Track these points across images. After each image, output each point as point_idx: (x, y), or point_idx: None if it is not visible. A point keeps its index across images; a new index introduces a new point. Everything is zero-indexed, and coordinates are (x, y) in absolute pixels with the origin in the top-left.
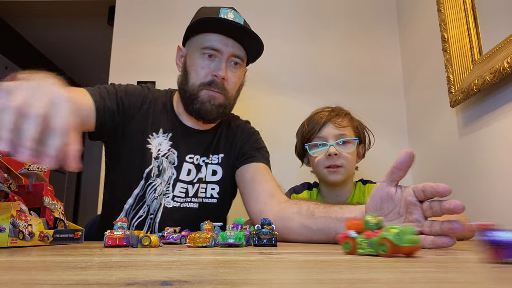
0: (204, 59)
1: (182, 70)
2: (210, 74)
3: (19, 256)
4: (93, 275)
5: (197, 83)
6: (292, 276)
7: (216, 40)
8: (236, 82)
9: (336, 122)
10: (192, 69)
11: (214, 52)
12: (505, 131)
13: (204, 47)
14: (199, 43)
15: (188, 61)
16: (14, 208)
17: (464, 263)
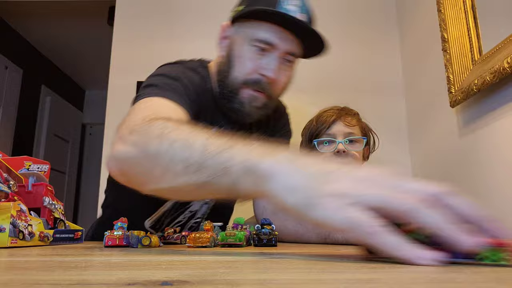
0: (254, 52)
1: (226, 57)
2: (257, 72)
3: (19, 256)
4: (93, 275)
5: (240, 78)
6: (292, 276)
7: (272, 33)
8: (286, 81)
9: (346, 121)
10: (237, 60)
11: (267, 47)
12: (505, 131)
13: (257, 39)
14: (251, 33)
15: (234, 49)
16: (14, 208)
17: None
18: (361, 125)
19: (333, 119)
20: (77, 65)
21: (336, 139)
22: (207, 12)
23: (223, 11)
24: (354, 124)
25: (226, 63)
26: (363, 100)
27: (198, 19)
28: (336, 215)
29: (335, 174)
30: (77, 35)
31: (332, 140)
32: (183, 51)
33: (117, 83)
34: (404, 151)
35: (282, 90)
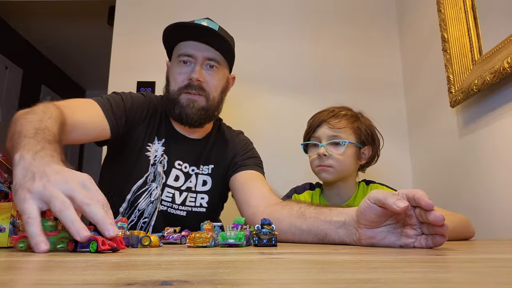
0: (180, 66)
1: (166, 80)
2: (187, 78)
3: (19, 256)
4: (93, 275)
5: (176, 88)
6: (292, 276)
7: (189, 46)
8: (217, 84)
9: (331, 123)
10: (171, 77)
11: (188, 58)
12: (505, 131)
13: (179, 55)
14: (176, 52)
15: (169, 71)
16: (14, 208)
17: (464, 263)
18: (353, 126)
19: (319, 122)
20: (77, 65)
21: (320, 142)
22: (207, 12)
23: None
24: (341, 127)
25: (166, 84)
26: (363, 100)
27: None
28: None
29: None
30: (77, 35)
31: (317, 143)
32: None
33: (117, 83)
34: (404, 151)
35: (217, 93)
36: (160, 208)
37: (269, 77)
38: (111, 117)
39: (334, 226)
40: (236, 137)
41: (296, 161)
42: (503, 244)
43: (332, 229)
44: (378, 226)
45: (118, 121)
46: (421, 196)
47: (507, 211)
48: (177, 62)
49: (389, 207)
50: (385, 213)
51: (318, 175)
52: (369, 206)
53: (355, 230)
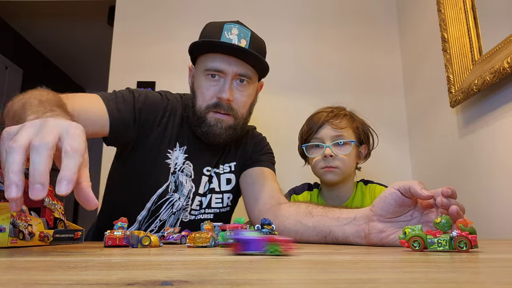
0: (208, 80)
1: (191, 91)
2: (215, 96)
3: (19, 256)
4: (93, 275)
5: (203, 105)
6: (292, 276)
7: (219, 60)
8: (246, 100)
9: (334, 124)
10: (198, 91)
11: (217, 73)
12: (505, 131)
13: (207, 69)
14: (203, 65)
15: (195, 82)
16: None
17: (464, 263)
18: (352, 126)
19: (320, 123)
20: (77, 65)
21: (324, 143)
22: (207, 12)
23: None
24: (343, 127)
25: (192, 96)
26: (363, 100)
27: (198, 19)
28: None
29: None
30: (77, 35)
31: (320, 144)
32: (183, 51)
33: (117, 83)
34: (404, 151)
35: (245, 109)
36: (190, 218)
37: (268, 77)
38: (112, 112)
39: (341, 222)
40: (252, 132)
41: (295, 161)
42: (503, 244)
43: (338, 226)
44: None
45: (121, 117)
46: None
47: (507, 211)
48: (205, 75)
49: (415, 194)
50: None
51: (323, 177)
52: (392, 193)
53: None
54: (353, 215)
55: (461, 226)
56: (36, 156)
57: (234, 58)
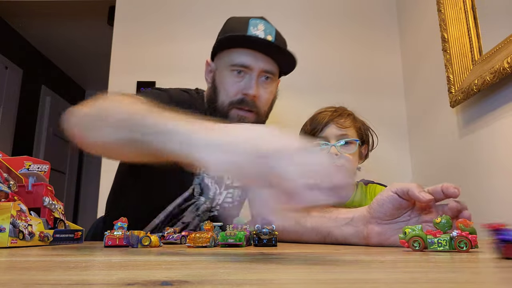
0: (233, 76)
1: (211, 86)
2: (240, 93)
3: (19, 256)
4: (93, 275)
5: (227, 101)
6: (292, 276)
7: (245, 56)
8: (268, 97)
9: (339, 123)
10: (221, 86)
11: (243, 69)
12: (505, 131)
13: (233, 64)
14: (228, 60)
15: (217, 77)
16: (14, 208)
17: (464, 263)
18: (355, 126)
19: (325, 122)
20: (77, 65)
21: (329, 142)
22: (207, 12)
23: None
24: (347, 126)
25: (212, 92)
26: (363, 100)
27: (198, 19)
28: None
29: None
30: (77, 35)
31: (325, 143)
32: (183, 51)
33: (117, 83)
34: (404, 151)
35: (267, 106)
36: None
37: None
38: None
39: (339, 223)
40: None
41: None
42: None
43: (337, 227)
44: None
45: None
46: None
47: (507, 211)
48: (229, 71)
49: (413, 197)
50: (403, 206)
51: None
52: (389, 196)
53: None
54: (351, 216)
55: (461, 226)
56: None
57: (261, 54)
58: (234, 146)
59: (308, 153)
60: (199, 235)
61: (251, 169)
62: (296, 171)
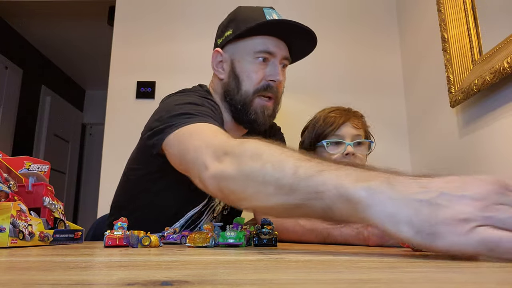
0: (257, 63)
1: (230, 77)
2: (265, 79)
3: (19, 256)
4: (93, 275)
5: (251, 90)
6: (292, 276)
7: (270, 42)
8: (284, 85)
9: (354, 123)
10: (244, 75)
11: (268, 56)
12: (505, 131)
13: (257, 51)
14: (251, 47)
15: (238, 66)
16: (14, 208)
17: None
18: (365, 128)
19: (342, 121)
20: (77, 65)
21: (345, 141)
22: (207, 12)
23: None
24: (360, 127)
25: (232, 82)
26: (363, 100)
27: (198, 19)
28: (468, 240)
29: (443, 198)
30: (77, 35)
31: (341, 141)
32: (183, 51)
33: (117, 83)
34: (404, 151)
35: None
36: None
37: None
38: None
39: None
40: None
41: None
42: None
43: (336, 228)
44: None
45: None
46: None
47: None
48: (253, 58)
49: None
50: None
51: None
52: None
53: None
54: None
55: None
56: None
57: (282, 41)
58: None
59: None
60: (199, 235)
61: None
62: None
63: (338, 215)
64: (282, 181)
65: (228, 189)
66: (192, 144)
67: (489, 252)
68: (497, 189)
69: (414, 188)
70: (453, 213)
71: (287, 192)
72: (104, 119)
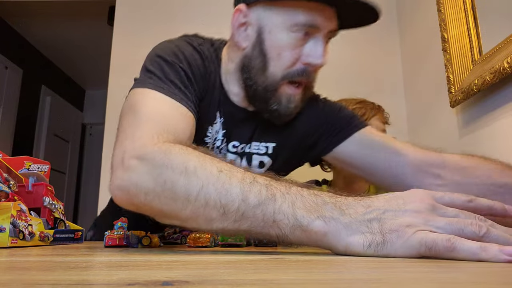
0: (296, 39)
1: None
2: (301, 62)
3: (19, 256)
4: (93, 275)
5: (280, 73)
6: (293, 276)
7: (316, 12)
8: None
9: (382, 117)
10: (274, 51)
11: (311, 30)
12: (505, 131)
13: (296, 24)
14: (289, 17)
15: (267, 39)
16: (14, 208)
17: (465, 263)
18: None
19: (373, 114)
20: (77, 65)
21: None
22: (207, 12)
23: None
24: (385, 122)
25: (256, 57)
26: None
27: (198, 19)
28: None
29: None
30: (77, 35)
31: None
32: None
33: (117, 83)
34: None
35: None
36: None
37: None
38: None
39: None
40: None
41: None
42: None
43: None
44: None
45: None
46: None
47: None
48: (289, 32)
49: None
50: None
51: None
52: None
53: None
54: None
55: None
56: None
57: (332, 10)
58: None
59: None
60: (199, 235)
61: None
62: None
63: (295, 241)
64: (230, 208)
65: (147, 205)
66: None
67: (429, 250)
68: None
69: (361, 209)
70: (399, 222)
71: (236, 219)
72: (104, 119)
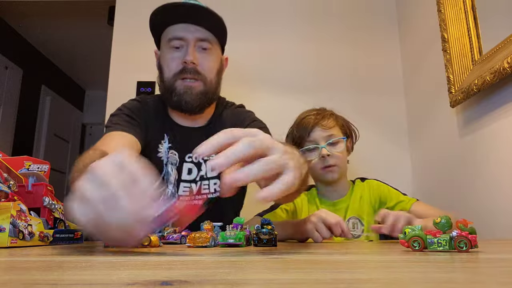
0: (172, 51)
1: (158, 69)
2: (181, 63)
3: (19, 256)
4: (93, 275)
5: (170, 75)
6: (292, 276)
7: (178, 28)
8: (212, 65)
9: (323, 125)
10: (164, 64)
11: (179, 42)
12: (505, 131)
13: (168, 39)
14: (165, 39)
15: (160, 59)
16: (14, 208)
17: (464, 263)
18: (338, 124)
19: (311, 127)
20: (77, 65)
21: (318, 145)
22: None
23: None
24: (331, 126)
25: (159, 74)
26: (363, 100)
27: None
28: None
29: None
30: (77, 35)
31: (315, 146)
32: None
33: (117, 83)
34: (404, 151)
35: (213, 75)
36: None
37: (268, 78)
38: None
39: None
40: (234, 111)
41: None
42: (503, 244)
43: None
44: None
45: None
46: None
47: (507, 211)
48: (168, 48)
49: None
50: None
51: (323, 177)
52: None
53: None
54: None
55: (461, 226)
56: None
57: (192, 25)
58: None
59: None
60: (199, 235)
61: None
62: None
63: None
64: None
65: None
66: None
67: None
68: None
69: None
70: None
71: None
72: (104, 119)
